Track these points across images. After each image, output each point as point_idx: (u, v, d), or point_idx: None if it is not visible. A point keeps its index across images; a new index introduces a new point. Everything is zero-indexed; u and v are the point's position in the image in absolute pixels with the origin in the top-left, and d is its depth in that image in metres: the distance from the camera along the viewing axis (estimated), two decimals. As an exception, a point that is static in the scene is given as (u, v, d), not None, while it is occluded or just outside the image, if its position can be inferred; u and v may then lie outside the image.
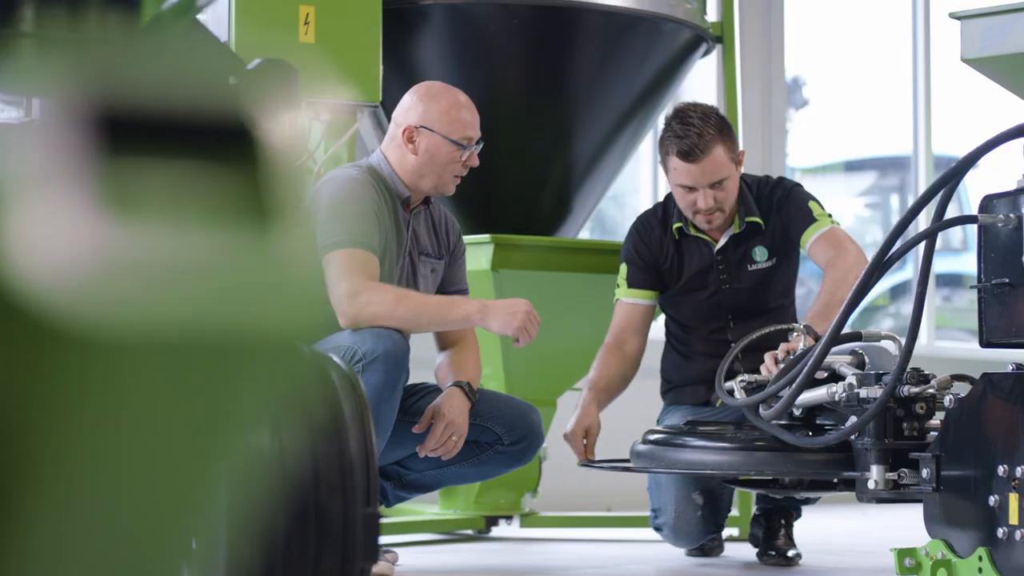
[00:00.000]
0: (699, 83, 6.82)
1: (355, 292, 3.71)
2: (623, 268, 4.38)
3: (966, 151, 3.43)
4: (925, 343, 8.43)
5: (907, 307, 8.82)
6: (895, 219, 8.04)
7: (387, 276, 3.89)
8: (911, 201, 8.25)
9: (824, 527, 5.80)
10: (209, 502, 1.01)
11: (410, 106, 4.01)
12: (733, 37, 5.16)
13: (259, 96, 1.02)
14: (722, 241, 4.32)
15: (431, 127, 3.96)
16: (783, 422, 3.69)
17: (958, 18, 4.02)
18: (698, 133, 4.13)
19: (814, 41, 9.48)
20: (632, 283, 4.35)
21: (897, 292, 9.78)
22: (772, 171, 7.26)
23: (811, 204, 4.30)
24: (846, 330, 3.54)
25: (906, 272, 9.19)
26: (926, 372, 3.51)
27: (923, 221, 5.24)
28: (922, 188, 8.30)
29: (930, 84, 8.59)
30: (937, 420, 3.47)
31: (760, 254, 4.32)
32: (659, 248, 4.36)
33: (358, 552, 2.00)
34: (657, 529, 4.33)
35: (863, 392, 3.45)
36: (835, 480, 3.83)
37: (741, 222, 4.31)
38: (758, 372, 3.87)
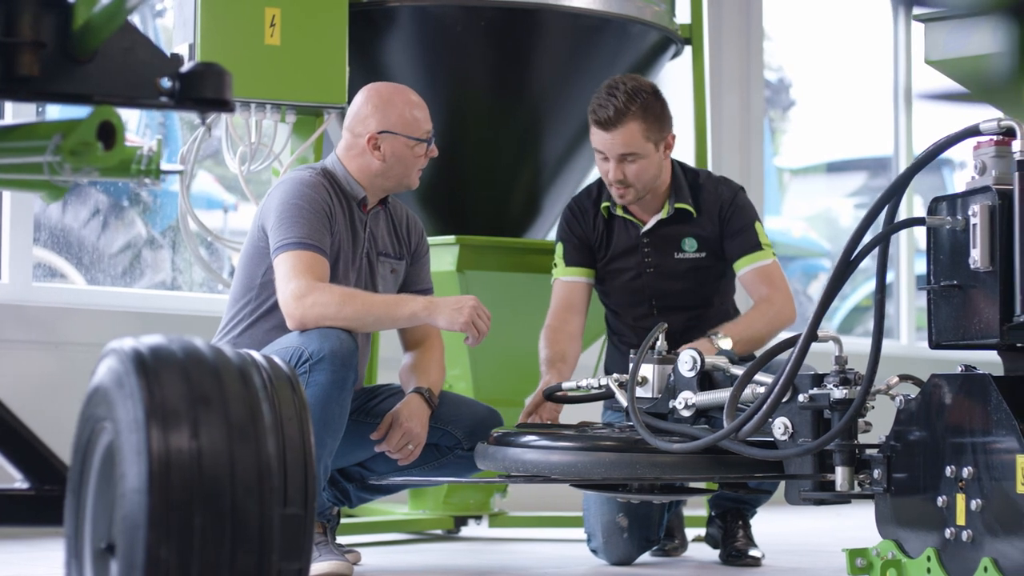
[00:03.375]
0: (676, 84, 6.82)
1: (302, 293, 3.73)
2: (559, 248, 4.39)
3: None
4: (906, 344, 8.45)
5: (891, 308, 8.83)
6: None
7: (342, 278, 3.91)
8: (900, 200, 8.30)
9: (795, 527, 5.82)
10: None
11: (368, 114, 4.02)
12: (702, 39, 5.17)
13: None
14: (650, 224, 4.34)
15: (393, 130, 3.98)
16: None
17: (922, 20, 4.04)
18: (616, 106, 4.17)
19: (800, 44, 9.50)
20: (569, 262, 4.37)
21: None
22: (751, 171, 7.30)
23: (757, 226, 4.32)
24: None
25: (887, 275, 9.21)
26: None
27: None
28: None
29: (911, 86, 8.60)
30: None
31: (689, 245, 4.32)
32: (591, 226, 4.38)
33: (275, 552, 2.02)
34: (593, 552, 4.34)
35: (837, 393, 3.44)
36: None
37: (670, 208, 4.31)
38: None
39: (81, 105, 2.32)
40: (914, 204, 8.70)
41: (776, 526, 5.58)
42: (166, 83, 2.31)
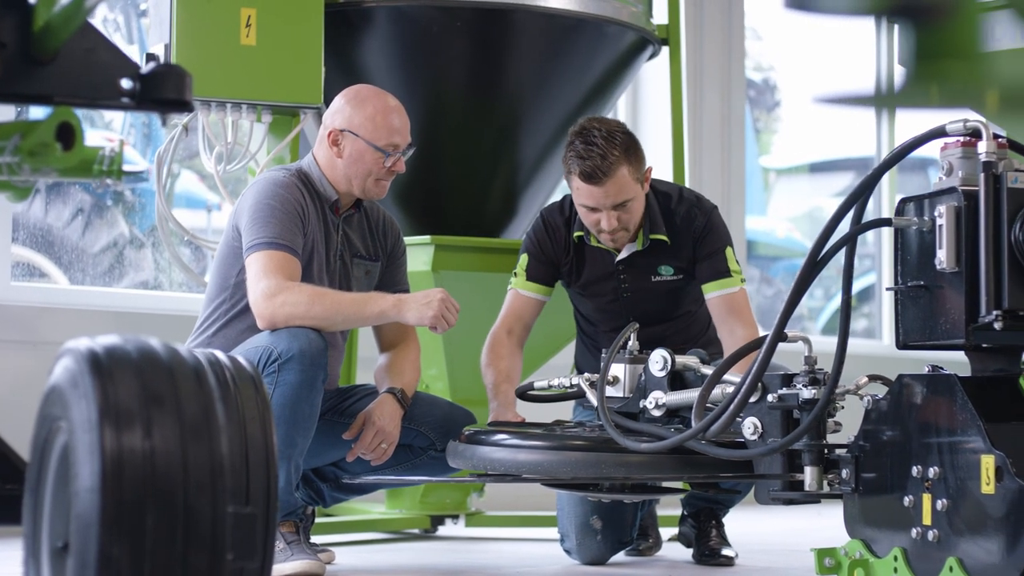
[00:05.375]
0: (655, 84, 6.84)
1: (272, 293, 3.74)
2: (524, 259, 4.31)
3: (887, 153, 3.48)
4: (888, 343, 8.46)
5: (873, 308, 8.84)
6: (869, 218, 8.05)
7: (316, 279, 3.92)
8: (884, 199, 8.33)
9: (772, 527, 5.83)
10: None
11: (338, 109, 4.03)
12: (679, 40, 5.18)
13: None
14: (624, 253, 4.27)
15: (355, 132, 3.98)
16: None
17: (896, 22, 4.03)
18: (601, 154, 4.04)
19: (786, 44, 9.51)
20: (531, 276, 4.30)
21: (863, 296, 9.81)
22: (732, 171, 7.30)
23: (728, 252, 4.25)
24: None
25: (870, 277, 9.22)
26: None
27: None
28: (885, 188, 8.33)
29: (893, 86, 8.61)
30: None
31: (665, 270, 4.27)
32: (561, 247, 4.31)
33: (229, 550, 2.03)
34: (567, 552, 4.35)
35: (806, 393, 3.45)
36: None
37: (645, 239, 4.24)
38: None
39: (42, 106, 2.33)
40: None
41: (752, 526, 5.59)
42: (127, 84, 2.32)
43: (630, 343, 3.84)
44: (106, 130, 7.09)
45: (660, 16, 5.18)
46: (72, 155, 2.32)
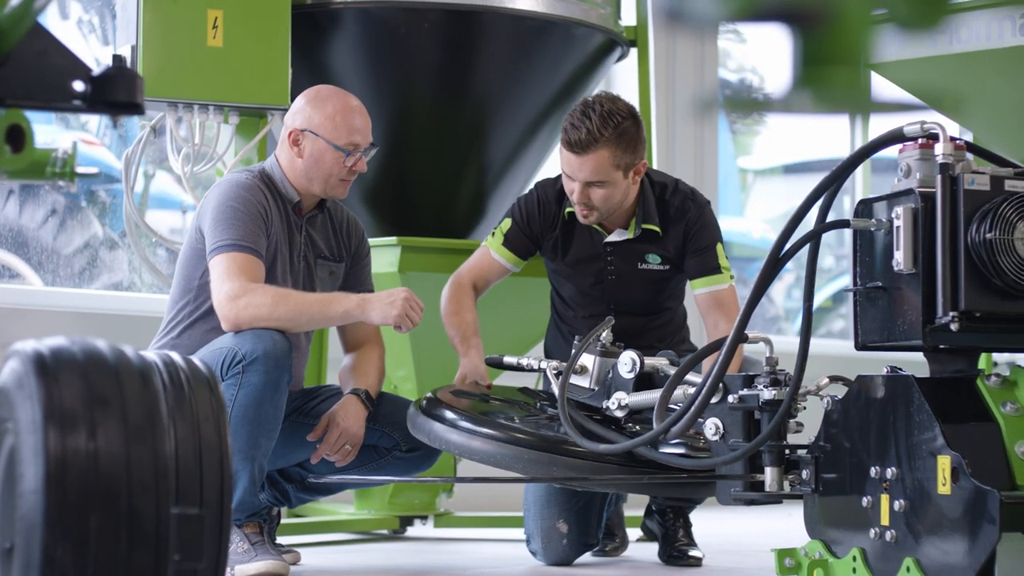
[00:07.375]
0: (627, 85, 6.85)
1: (236, 295, 3.75)
2: (507, 223, 4.34)
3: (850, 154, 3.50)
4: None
5: (849, 309, 8.86)
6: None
7: (280, 280, 3.92)
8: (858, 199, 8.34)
9: (743, 527, 5.85)
10: None
11: (298, 109, 4.03)
12: (647, 41, 5.19)
13: None
14: (614, 236, 4.29)
15: (315, 131, 3.98)
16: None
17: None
18: (589, 129, 4.07)
19: (766, 45, 9.52)
20: (507, 243, 4.33)
21: (840, 297, 9.84)
22: (705, 170, 7.33)
23: (719, 248, 4.28)
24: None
25: (848, 278, 9.24)
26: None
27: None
28: (859, 189, 8.35)
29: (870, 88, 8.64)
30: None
31: (653, 259, 4.29)
32: (548, 223, 4.33)
33: (175, 551, 2.04)
34: (533, 553, 4.35)
35: (767, 394, 3.46)
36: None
37: (637, 227, 4.26)
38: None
39: (-7, 108, 2.33)
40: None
41: (721, 526, 5.61)
42: (79, 86, 2.32)
43: (603, 335, 3.85)
44: (81, 131, 7.08)
45: (629, 18, 5.19)
46: (22, 157, 2.32)
